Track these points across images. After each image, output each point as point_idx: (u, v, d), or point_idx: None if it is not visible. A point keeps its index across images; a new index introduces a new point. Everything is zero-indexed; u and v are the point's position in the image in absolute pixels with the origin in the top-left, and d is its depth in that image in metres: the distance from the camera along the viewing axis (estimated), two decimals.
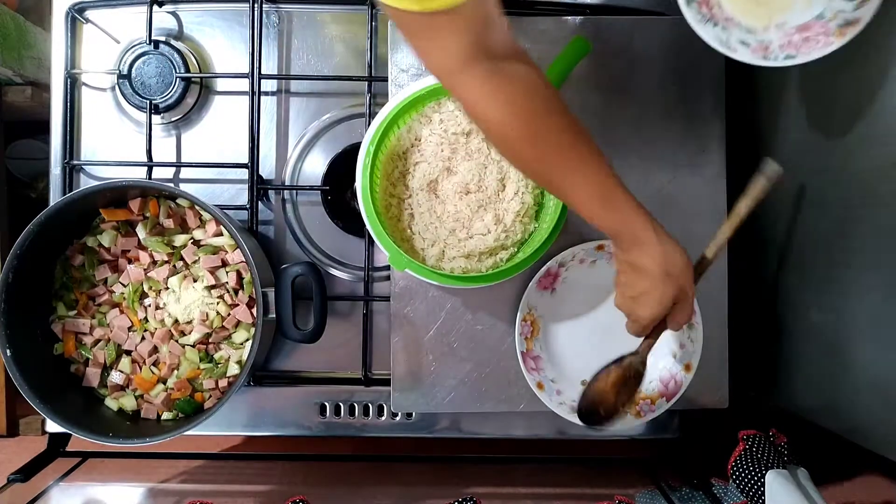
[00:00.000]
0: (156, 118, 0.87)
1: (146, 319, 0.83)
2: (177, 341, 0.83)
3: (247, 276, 0.82)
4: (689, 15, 0.65)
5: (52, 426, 0.87)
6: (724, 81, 0.82)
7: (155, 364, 0.83)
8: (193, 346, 0.83)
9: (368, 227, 0.75)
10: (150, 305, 0.82)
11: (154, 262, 0.82)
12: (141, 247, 0.83)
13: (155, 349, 0.83)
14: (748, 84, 0.83)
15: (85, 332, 0.83)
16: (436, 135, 0.75)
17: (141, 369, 0.83)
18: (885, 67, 0.63)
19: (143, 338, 0.83)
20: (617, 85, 0.81)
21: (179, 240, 0.82)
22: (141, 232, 0.82)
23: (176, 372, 0.83)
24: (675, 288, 0.63)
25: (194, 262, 0.83)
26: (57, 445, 0.89)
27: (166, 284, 0.82)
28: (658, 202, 0.81)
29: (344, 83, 0.88)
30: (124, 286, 0.83)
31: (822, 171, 0.73)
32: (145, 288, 0.83)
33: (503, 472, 0.90)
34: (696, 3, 0.65)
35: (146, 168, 0.86)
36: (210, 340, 0.83)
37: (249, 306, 0.83)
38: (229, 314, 0.83)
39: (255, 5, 0.85)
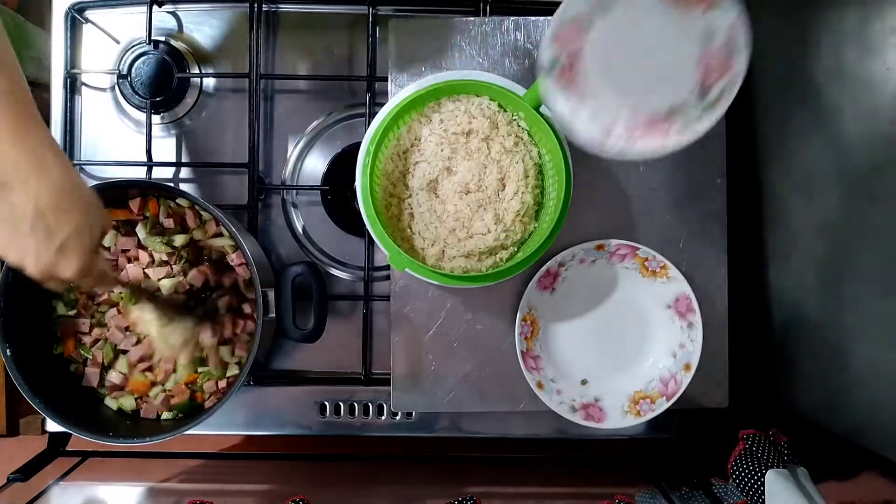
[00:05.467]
0: (155, 118, 0.87)
1: None
2: None
3: (247, 276, 0.82)
4: (548, 83, 0.62)
5: (52, 426, 0.87)
6: None
7: (150, 369, 0.83)
8: None
9: (368, 226, 0.75)
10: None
11: (153, 262, 0.82)
12: (141, 246, 0.83)
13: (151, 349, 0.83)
14: (748, 84, 0.83)
15: (84, 331, 0.83)
16: (436, 135, 0.75)
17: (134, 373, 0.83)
18: (885, 67, 0.63)
19: (138, 339, 0.83)
20: None
21: (179, 240, 0.82)
22: (141, 232, 0.82)
23: (173, 376, 0.83)
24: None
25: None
26: (57, 445, 0.89)
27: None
28: (657, 202, 0.82)
29: (344, 83, 0.88)
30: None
31: (821, 171, 0.73)
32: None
33: (503, 472, 0.90)
34: (559, 69, 0.61)
35: (146, 168, 0.86)
36: None
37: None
38: None
39: (255, 5, 0.85)
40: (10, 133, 0.56)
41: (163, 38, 0.88)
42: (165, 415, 0.83)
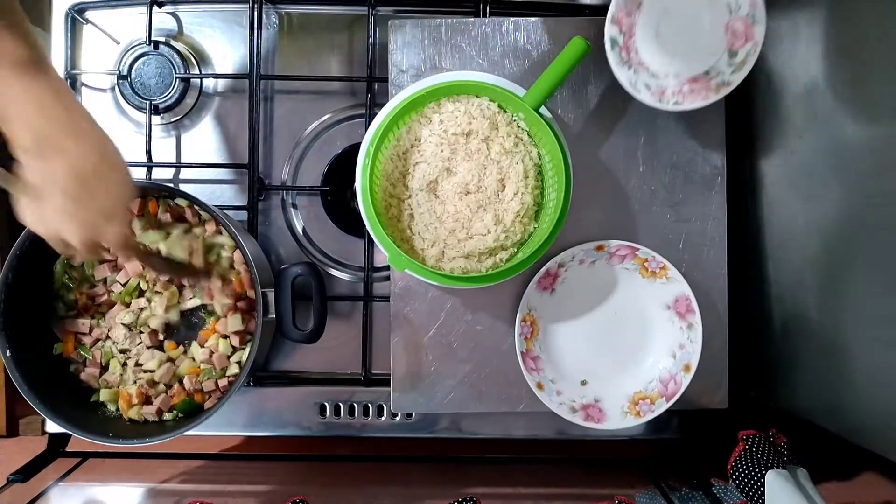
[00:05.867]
0: (155, 118, 0.88)
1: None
2: None
3: (246, 277, 0.82)
4: (612, 58, 0.75)
5: (52, 426, 0.87)
6: None
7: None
8: None
9: (368, 227, 0.75)
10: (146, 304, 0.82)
11: None
12: None
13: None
14: (748, 85, 0.83)
15: (84, 332, 0.83)
16: (435, 135, 0.75)
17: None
18: (885, 66, 0.63)
19: (139, 340, 0.83)
20: (616, 85, 0.81)
21: None
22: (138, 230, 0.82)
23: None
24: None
25: None
26: (57, 445, 0.89)
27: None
28: (657, 202, 0.82)
29: (344, 84, 0.88)
30: (123, 285, 0.83)
31: (821, 171, 0.73)
32: (143, 286, 0.82)
33: (503, 472, 0.90)
34: (619, 48, 0.75)
35: (146, 168, 0.86)
36: None
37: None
38: None
39: (255, 5, 0.85)
40: (44, 100, 0.55)
41: (163, 39, 0.88)
42: (166, 415, 0.83)
